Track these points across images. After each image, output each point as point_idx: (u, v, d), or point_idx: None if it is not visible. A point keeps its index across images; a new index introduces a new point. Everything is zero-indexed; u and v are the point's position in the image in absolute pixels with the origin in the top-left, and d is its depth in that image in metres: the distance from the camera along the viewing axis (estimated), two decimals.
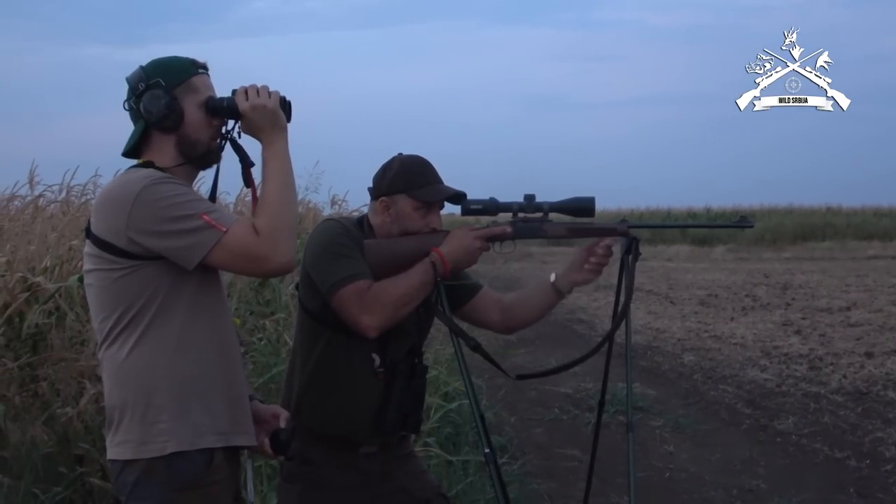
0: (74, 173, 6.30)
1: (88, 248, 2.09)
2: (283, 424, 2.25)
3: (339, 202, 9.56)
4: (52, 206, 6.26)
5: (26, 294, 4.34)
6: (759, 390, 7.61)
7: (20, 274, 4.41)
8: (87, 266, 2.11)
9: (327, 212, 9.55)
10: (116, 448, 2.05)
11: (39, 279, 4.43)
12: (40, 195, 6.17)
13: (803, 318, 11.38)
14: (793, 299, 13.46)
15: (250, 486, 2.28)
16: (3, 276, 4.39)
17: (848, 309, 12.10)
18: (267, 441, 2.24)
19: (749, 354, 9.15)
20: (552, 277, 2.69)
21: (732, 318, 11.76)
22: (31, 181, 6.09)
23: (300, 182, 2.25)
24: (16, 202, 6.29)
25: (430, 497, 2.71)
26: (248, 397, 2.20)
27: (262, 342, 5.64)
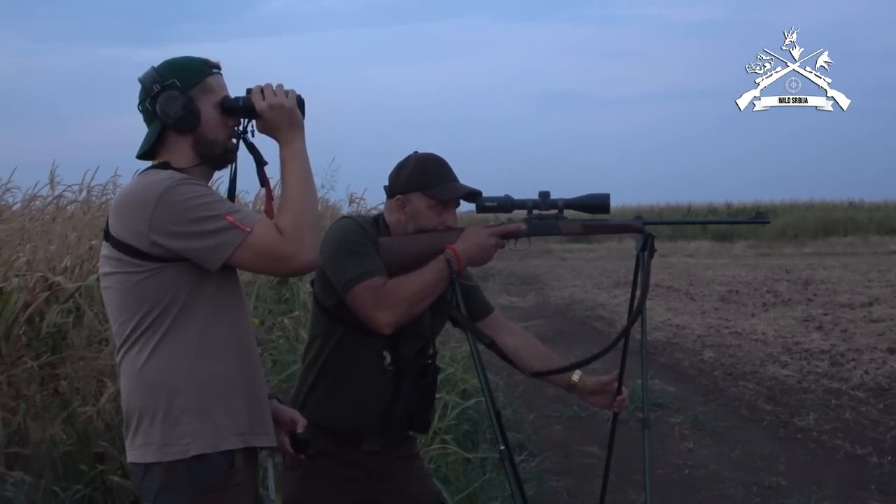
0: (95, 173, 6.36)
1: (106, 250, 2.07)
2: (299, 430, 2.26)
3: (357, 200, 9.60)
4: (73, 206, 6.30)
5: (46, 293, 4.37)
6: (779, 387, 7.56)
7: (40, 273, 4.45)
8: (104, 269, 2.08)
9: (345, 209, 9.59)
10: (137, 451, 2.04)
11: (59, 279, 4.47)
12: (60, 195, 6.21)
13: (825, 314, 11.29)
14: (814, 295, 13.35)
15: (271, 484, 2.28)
16: (24, 275, 4.42)
17: (870, 304, 12.00)
18: (287, 440, 2.24)
19: (770, 351, 9.09)
20: (576, 376, 2.73)
21: (753, 314, 11.68)
22: (51, 181, 6.13)
23: (316, 180, 2.25)
24: (36, 202, 6.32)
25: (429, 502, 2.71)
26: (267, 397, 2.20)
27: (281, 340, 5.67)
